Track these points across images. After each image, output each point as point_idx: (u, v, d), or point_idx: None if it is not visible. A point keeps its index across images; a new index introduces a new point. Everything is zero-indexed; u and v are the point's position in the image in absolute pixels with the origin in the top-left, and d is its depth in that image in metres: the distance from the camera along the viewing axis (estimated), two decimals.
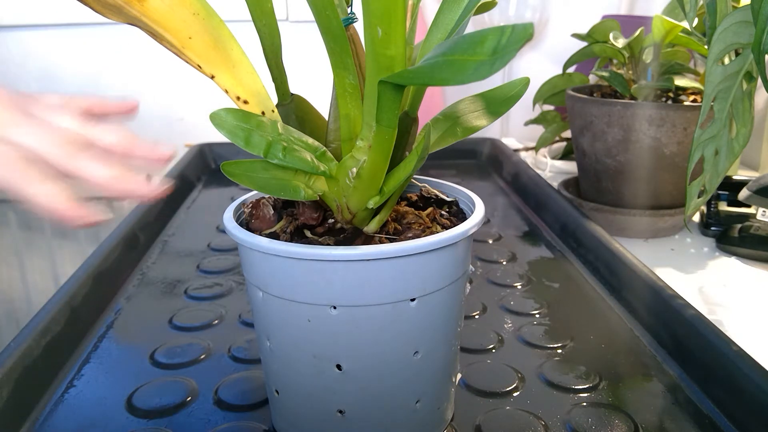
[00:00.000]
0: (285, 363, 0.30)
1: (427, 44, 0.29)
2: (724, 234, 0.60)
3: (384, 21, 0.21)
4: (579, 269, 0.53)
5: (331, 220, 0.29)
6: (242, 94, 0.29)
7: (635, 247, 0.60)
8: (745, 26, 0.37)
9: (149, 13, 0.28)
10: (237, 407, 0.35)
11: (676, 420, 0.34)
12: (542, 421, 0.34)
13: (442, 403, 0.32)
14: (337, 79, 0.27)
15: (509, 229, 0.63)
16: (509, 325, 0.44)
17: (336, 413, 0.29)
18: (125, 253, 0.53)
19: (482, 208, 0.31)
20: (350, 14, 0.28)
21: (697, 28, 0.55)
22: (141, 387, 0.37)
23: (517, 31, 0.18)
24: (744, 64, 0.39)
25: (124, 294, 0.49)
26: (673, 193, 0.61)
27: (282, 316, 0.28)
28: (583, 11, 0.98)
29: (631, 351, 0.41)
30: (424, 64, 0.20)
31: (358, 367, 0.28)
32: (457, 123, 0.30)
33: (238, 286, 0.50)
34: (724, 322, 0.47)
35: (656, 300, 0.42)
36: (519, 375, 0.38)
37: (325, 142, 0.29)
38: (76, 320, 0.43)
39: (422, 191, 0.33)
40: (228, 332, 0.43)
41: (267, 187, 0.27)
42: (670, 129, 0.57)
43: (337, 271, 0.26)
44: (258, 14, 0.29)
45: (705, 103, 0.40)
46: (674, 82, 0.60)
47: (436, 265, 0.28)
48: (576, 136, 0.65)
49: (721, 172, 0.42)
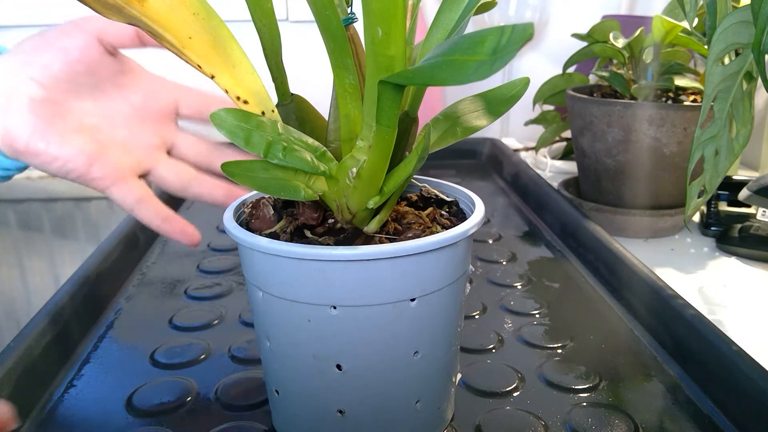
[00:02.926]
0: (285, 363, 0.30)
1: (427, 44, 0.29)
2: (724, 234, 0.60)
3: (384, 21, 0.21)
4: (579, 269, 0.53)
5: (331, 220, 0.29)
6: (242, 94, 0.29)
7: (635, 247, 0.60)
8: (745, 26, 0.37)
9: (149, 13, 0.28)
10: (237, 407, 0.35)
11: (676, 420, 0.34)
12: (542, 421, 0.34)
13: (442, 403, 0.32)
14: (337, 79, 0.27)
15: (509, 229, 0.63)
16: (509, 325, 0.44)
17: (336, 413, 0.29)
18: (125, 253, 0.53)
19: (482, 208, 0.31)
20: (350, 14, 0.28)
21: (697, 28, 0.55)
22: (141, 387, 0.37)
23: (517, 31, 0.18)
24: (744, 64, 0.39)
25: (124, 294, 0.49)
26: (673, 193, 0.61)
27: (282, 316, 0.28)
28: (583, 11, 0.98)
29: (631, 351, 0.41)
30: (424, 64, 0.20)
31: (358, 367, 0.28)
32: (457, 123, 0.30)
33: (238, 286, 0.50)
34: (724, 322, 0.47)
35: (656, 300, 0.42)
36: (519, 375, 0.38)
37: (325, 142, 0.29)
38: (76, 320, 0.43)
39: (422, 191, 0.33)
40: (228, 332, 0.43)
41: (267, 187, 0.27)
42: (670, 129, 0.57)
43: (337, 271, 0.26)
44: (258, 14, 0.29)
45: (705, 103, 0.40)
46: (674, 82, 0.60)
47: (436, 265, 0.28)
48: (576, 136, 0.65)
49: (721, 172, 0.42)
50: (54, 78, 0.37)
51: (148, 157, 0.42)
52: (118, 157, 0.40)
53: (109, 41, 0.39)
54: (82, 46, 0.38)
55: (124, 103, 0.41)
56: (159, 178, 0.43)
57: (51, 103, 0.38)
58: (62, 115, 0.38)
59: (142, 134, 0.42)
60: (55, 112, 0.38)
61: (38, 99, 0.37)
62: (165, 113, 0.42)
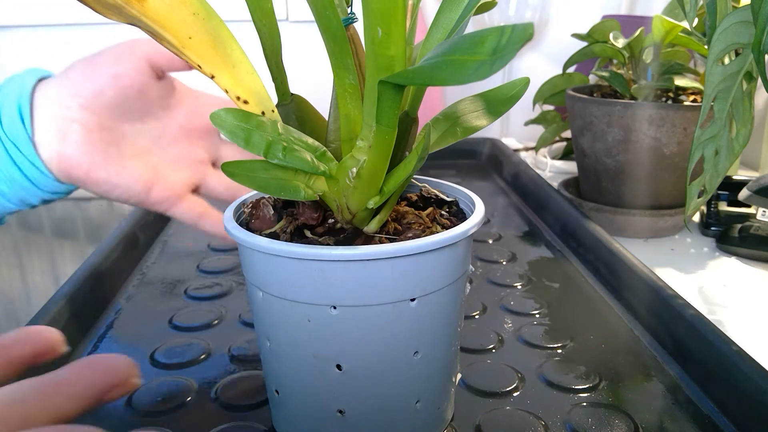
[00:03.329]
0: (285, 363, 0.30)
1: (427, 44, 0.29)
2: (724, 234, 0.60)
3: (384, 21, 0.21)
4: (579, 269, 0.53)
5: (331, 220, 0.29)
6: (242, 94, 0.29)
7: (635, 247, 0.60)
8: (745, 26, 0.37)
9: (149, 13, 0.28)
10: (237, 407, 0.35)
11: (676, 420, 0.34)
12: (542, 421, 0.34)
13: (442, 403, 0.32)
14: (337, 79, 0.27)
15: (509, 229, 0.63)
16: (509, 325, 0.44)
17: (336, 413, 0.29)
18: (125, 253, 0.53)
19: (482, 208, 0.31)
20: (350, 14, 0.28)
21: (697, 28, 0.55)
22: (141, 387, 0.37)
23: (517, 31, 0.18)
24: (744, 64, 0.39)
25: (124, 294, 0.49)
26: (673, 193, 0.61)
27: (282, 316, 0.28)
28: (583, 11, 0.98)
29: (631, 351, 0.41)
30: (424, 64, 0.20)
31: (358, 367, 0.28)
32: (457, 123, 0.30)
33: (238, 286, 0.50)
34: (724, 322, 0.47)
35: (656, 300, 0.42)
36: (519, 375, 0.38)
37: (325, 142, 0.29)
38: (76, 320, 0.43)
39: (422, 191, 0.33)
40: (228, 332, 0.43)
41: (267, 187, 0.27)
42: (670, 129, 0.57)
43: (337, 271, 0.26)
44: (258, 14, 0.29)
45: (705, 103, 0.40)
46: (674, 82, 0.60)
47: (436, 265, 0.28)
48: (576, 136, 0.65)
49: (721, 172, 0.42)
50: (107, 106, 0.38)
51: (198, 171, 0.43)
52: (172, 178, 0.41)
53: (159, 65, 0.39)
54: (133, 72, 0.38)
55: (172, 122, 0.42)
56: (209, 190, 0.44)
57: (105, 131, 0.38)
58: (116, 142, 0.39)
59: (191, 151, 0.43)
60: (110, 140, 0.38)
61: (93, 127, 0.38)
62: (209, 127, 0.43)
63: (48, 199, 0.39)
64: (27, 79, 0.37)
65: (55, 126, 0.37)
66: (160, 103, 0.41)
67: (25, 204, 0.39)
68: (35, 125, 0.36)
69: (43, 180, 0.37)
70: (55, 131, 0.37)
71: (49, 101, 0.37)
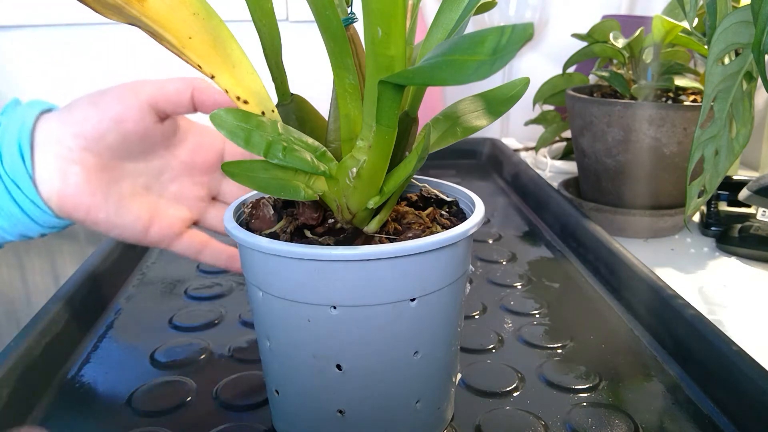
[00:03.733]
0: (285, 363, 0.30)
1: (427, 44, 0.29)
2: (724, 234, 0.60)
3: (384, 21, 0.21)
4: (579, 269, 0.53)
5: (331, 220, 0.29)
6: (242, 94, 0.29)
7: (635, 247, 0.60)
8: (745, 26, 0.37)
9: (149, 13, 0.28)
10: (237, 407, 0.35)
11: (676, 420, 0.34)
12: (542, 421, 0.34)
13: (442, 403, 0.32)
14: (337, 79, 0.27)
15: (509, 229, 0.63)
16: (509, 325, 0.44)
17: (336, 413, 0.29)
18: (125, 253, 0.53)
19: (482, 208, 0.31)
20: (350, 14, 0.28)
21: (697, 28, 0.55)
22: (141, 387, 0.37)
23: (517, 31, 0.18)
24: (744, 64, 0.39)
25: (124, 294, 0.49)
26: (673, 193, 0.61)
27: (282, 316, 0.28)
28: (583, 11, 0.98)
29: (631, 351, 0.41)
30: (424, 64, 0.20)
31: (358, 367, 0.28)
32: (457, 123, 0.30)
33: (238, 286, 0.50)
34: (724, 322, 0.47)
35: (656, 300, 0.42)
36: (519, 375, 0.38)
37: (325, 142, 0.29)
38: (76, 320, 0.43)
39: (422, 191, 0.33)
40: (228, 332, 0.43)
41: (267, 187, 0.27)
42: (670, 129, 0.57)
43: (337, 271, 0.26)
44: (258, 14, 0.29)
45: (705, 103, 0.40)
46: (674, 82, 0.60)
47: (436, 265, 0.28)
48: (576, 136, 0.65)
49: (721, 172, 0.42)
50: (108, 148, 0.38)
51: (197, 208, 0.43)
52: (170, 216, 0.41)
53: (163, 109, 0.39)
54: (136, 116, 0.37)
55: (173, 159, 0.41)
56: (208, 225, 0.44)
57: (106, 171, 0.38)
58: (117, 181, 0.39)
59: (191, 187, 0.43)
60: (110, 180, 0.38)
61: (94, 168, 0.37)
62: (211, 163, 0.43)
63: (46, 234, 0.39)
64: (28, 114, 0.37)
65: (56, 166, 0.36)
66: (163, 143, 0.40)
67: (23, 237, 0.39)
68: (36, 163, 0.36)
69: (43, 217, 0.37)
70: (55, 171, 0.36)
71: (51, 140, 0.37)
